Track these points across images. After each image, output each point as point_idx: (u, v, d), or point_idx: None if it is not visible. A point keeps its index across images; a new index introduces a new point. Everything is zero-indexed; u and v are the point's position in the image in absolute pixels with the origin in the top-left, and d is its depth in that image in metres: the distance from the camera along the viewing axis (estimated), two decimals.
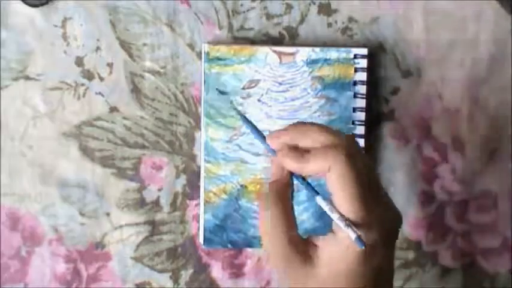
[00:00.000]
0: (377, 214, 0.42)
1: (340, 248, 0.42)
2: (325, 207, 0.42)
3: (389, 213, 0.44)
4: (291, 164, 0.43)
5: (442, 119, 0.58)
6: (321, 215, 0.55)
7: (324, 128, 0.44)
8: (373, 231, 0.41)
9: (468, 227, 0.59)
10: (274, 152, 0.45)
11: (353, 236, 0.40)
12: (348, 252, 0.41)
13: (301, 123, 0.45)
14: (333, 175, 0.41)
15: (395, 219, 0.45)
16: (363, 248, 0.40)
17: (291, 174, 0.45)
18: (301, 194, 0.56)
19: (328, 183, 0.42)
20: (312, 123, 0.45)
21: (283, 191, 0.44)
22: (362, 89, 0.56)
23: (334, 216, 0.41)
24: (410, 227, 0.59)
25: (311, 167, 0.42)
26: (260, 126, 0.55)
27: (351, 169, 0.41)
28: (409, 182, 0.58)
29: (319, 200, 0.43)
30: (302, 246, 0.43)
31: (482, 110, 0.58)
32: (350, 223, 0.40)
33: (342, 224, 0.40)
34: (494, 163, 0.58)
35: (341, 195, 0.41)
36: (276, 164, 0.45)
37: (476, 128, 0.58)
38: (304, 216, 0.56)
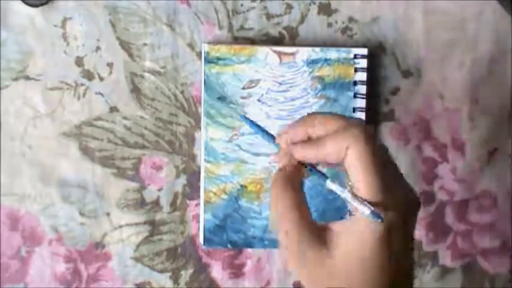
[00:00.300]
0: (395, 196, 0.40)
1: (357, 231, 0.40)
2: (337, 190, 0.41)
3: (407, 195, 0.42)
4: (306, 152, 0.42)
5: (442, 119, 0.58)
6: (322, 214, 0.55)
7: (335, 114, 0.43)
8: (391, 213, 0.40)
9: (468, 227, 0.59)
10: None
11: (367, 211, 0.38)
12: (365, 235, 0.40)
13: (308, 115, 0.44)
14: (351, 154, 0.40)
15: (413, 202, 0.43)
16: (380, 221, 0.38)
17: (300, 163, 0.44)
18: None
19: (346, 165, 0.40)
20: (319, 113, 0.44)
21: (293, 178, 0.43)
22: (362, 89, 0.56)
23: (347, 196, 0.40)
24: None
25: (330, 150, 0.41)
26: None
27: (370, 148, 0.40)
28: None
29: (329, 184, 0.42)
30: (317, 231, 0.42)
31: (482, 110, 0.58)
32: (364, 200, 0.39)
33: (356, 202, 0.39)
34: (494, 163, 0.58)
35: (359, 175, 0.40)
36: (284, 152, 0.44)
37: (476, 128, 0.58)
38: None
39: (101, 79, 0.56)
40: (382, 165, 0.40)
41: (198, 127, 0.57)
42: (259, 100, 0.55)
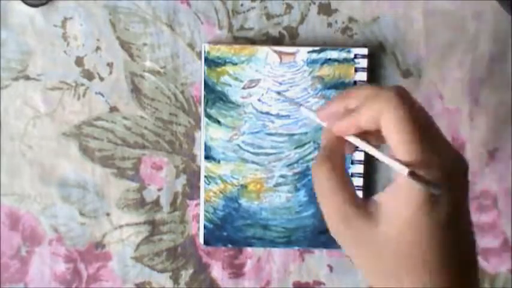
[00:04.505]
0: (437, 155, 0.38)
1: (402, 198, 0.38)
2: (381, 157, 0.39)
3: (451, 155, 0.40)
4: (343, 124, 0.41)
5: (442, 119, 0.58)
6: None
7: (368, 84, 0.43)
8: (434, 172, 0.38)
9: None
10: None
11: (405, 171, 0.37)
12: (411, 200, 0.38)
13: (343, 91, 0.44)
14: (386, 117, 0.38)
15: (457, 161, 0.40)
16: (417, 181, 0.37)
17: (343, 141, 0.43)
18: (301, 194, 0.56)
19: (383, 129, 0.39)
20: (356, 86, 0.44)
21: (335, 154, 0.42)
22: None
23: (387, 159, 0.39)
24: None
25: (364, 118, 0.40)
26: (260, 126, 0.56)
27: (404, 108, 0.38)
28: None
29: (373, 151, 0.40)
30: (363, 205, 0.40)
31: (482, 110, 0.58)
32: (401, 162, 0.38)
33: (395, 165, 0.38)
34: (494, 163, 0.58)
35: (396, 138, 0.38)
36: (326, 131, 0.43)
37: (476, 128, 0.58)
38: (304, 214, 0.56)
39: (101, 79, 0.56)
40: (420, 125, 0.38)
41: (198, 127, 0.57)
42: (259, 100, 0.55)
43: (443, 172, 0.38)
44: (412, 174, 0.37)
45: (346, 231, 0.40)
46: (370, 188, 0.56)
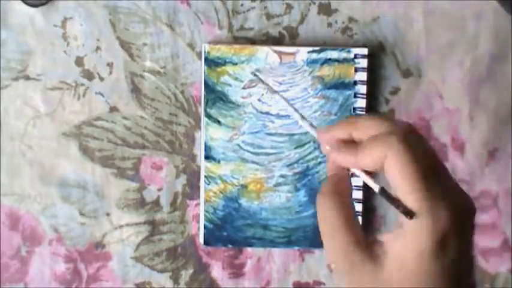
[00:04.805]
0: (444, 201, 0.37)
1: (409, 241, 0.37)
2: (386, 198, 0.38)
3: (459, 199, 0.39)
4: (345, 159, 0.40)
5: (442, 119, 0.58)
6: None
7: (376, 117, 0.40)
8: (442, 219, 0.37)
9: None
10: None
11: (401, 209, 0.36)
12: (418, 244, 0.37)
13: (352, 116, 0.42)
14: (390, 163, 0.37)
15: (466, 206, 0.39)
16: (412, 219, 0.36)
17: (348, 170, 0.41)
18: (301, 194, 0.56)
19: (387, 174, 0.38)
20: (364, 115, 0.42)
21: (341, 187, 0.41)
22: (362, 88, 0.56)
23: (395, 204, 0.37)
24: None
25: (366, 158, 0.38)
26: (260, 126, 0.55)
27: (408, 154, 0.37)
28: None
29: (379, 191, 0.39)
30: (367, 245, 0.39)
31: (482, 110, 0.58)
32: (401, 203, 0.37)
33: (399, 208, 0.37)
34: (494, 163, 0.58)
35: (402, 184, 0.37)
36: (332, 160, 0.42)
37: (476, 128, 0.58)
38: (304, 214, 0.56)
39: (101, 79, 0.56)
40: (425, 170, 0.37)
41: (198, 127, 0.57)
42: (259, 100, 0.55)
43: (451, 219, 0.37)
44: (383, 191, 0.37)
45: (350, 274, 0.39)
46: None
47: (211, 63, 0.55)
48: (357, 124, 0.40)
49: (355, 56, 0.55)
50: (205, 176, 0.56)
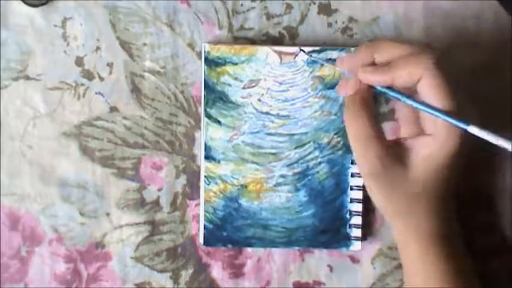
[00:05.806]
0: (466, 110, 0.45)
1: (436, 146, 0.44)
2: (423, 108, 0.45)
3: (470, 108, 0.46)
4: (381, 77, 0.45)
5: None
6: (321, 215, 0.55)
7: (398, 40, 0.47)
8: (462, 132, 0.44)
9: (468, 227, 0.59)
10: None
11: (463, 125, 0.44)
12: (444, 148, 0.44)
13: (371, 42, 0.47)
14: (425, 83, 0.44)
15: (475, 115, 0.46)
16: (469, 126, 0.43)
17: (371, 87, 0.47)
18: (301, 194, 0.56)
19: (421, 90, 0.44)
20: (382, 39, 0.49)
21: (365, 101, 0.46)
22: None
23: (432, 111, 0.44)
24: None
25: (402, 76, 0.44)
26: (260, 126, 0.55)
27: (443, 77, 0.44)
28: None
29: (414, 104, 0.45)
30: (394, 149, 0.46)
31: (482, 110, 0.58)
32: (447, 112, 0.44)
33: (447, 118, 0.44)
34: (494, 163, 0.58)
35: (434, 102, 0.44)
36: (354, 81, 0.47)
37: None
38: (304, 214, 0.56)
39: (101, 79, 0.56)
40: (454, 93, 0.44)
41: (198, 127, 0.57)
42: (259, 100, 0.55)
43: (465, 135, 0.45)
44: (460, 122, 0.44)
45: (383, 175, 0.45)
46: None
47: (211, 63, 0.55)
48: (378, 48, 0.46)
49: None
50: (205, 176, 0.56)
